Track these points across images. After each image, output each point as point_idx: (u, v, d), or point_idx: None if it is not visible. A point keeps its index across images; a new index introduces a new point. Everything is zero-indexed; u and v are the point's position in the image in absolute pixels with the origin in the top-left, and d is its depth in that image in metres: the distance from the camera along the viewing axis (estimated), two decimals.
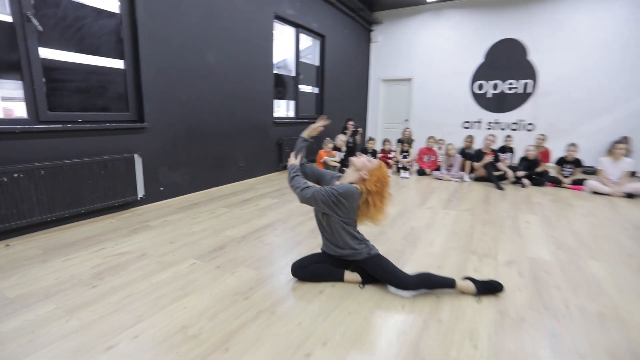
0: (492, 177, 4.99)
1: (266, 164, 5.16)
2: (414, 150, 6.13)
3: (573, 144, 4.93)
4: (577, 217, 3.50)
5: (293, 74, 5.67)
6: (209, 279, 2.05)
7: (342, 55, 7.07)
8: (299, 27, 5.56)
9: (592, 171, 5.71)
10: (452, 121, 7.76)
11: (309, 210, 3.13)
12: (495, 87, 7.29)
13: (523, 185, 4.89)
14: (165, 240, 2.63)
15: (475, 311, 1.75)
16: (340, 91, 7.15)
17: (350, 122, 6.46)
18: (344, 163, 5.65)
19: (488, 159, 5.11)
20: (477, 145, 6.35)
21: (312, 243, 2.63)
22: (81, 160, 2.82)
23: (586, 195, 4.58)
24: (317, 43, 6.28)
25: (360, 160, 1.91)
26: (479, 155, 5.31)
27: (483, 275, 2.10)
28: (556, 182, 4.97)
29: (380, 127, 8.68)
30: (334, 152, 5.55)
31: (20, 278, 2.03)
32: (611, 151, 4.55)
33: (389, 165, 5.65)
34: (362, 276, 1.98)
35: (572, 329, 1.62)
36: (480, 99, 7.47)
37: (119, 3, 3.07)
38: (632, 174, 4.97)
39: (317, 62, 6.32)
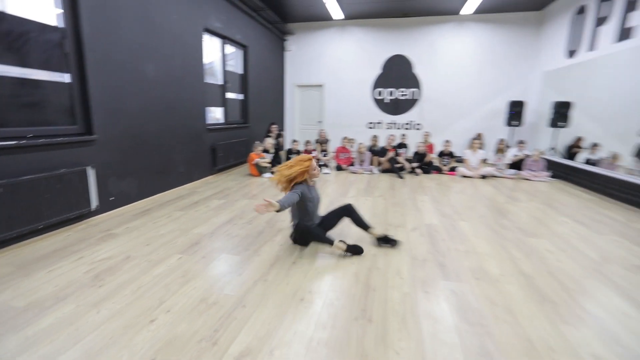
0: (394, 169, 6.28)
1: (203, 168, 5.46)
2: (331, 149, 7.14)
3: (448, 141, 6.56)
4: (452, 194, 4.88)
5: (221, 82, 6.03)
6: (201, 266, 2.53)
7: (262, 64, 7.63)
8: (225, 39, 5.95)
9: (461, 159, 7.55)
10: (359, 122, 9.06)
11: None
12: (391, 94, 8.81)
13: (417, 174, 6.31)
14: (140, 243, 2.94)
15: (398, 258, 2.68)
16: (262, 97, 7.72)
17: (274, 126, 7.10)
18: (273, 163, 6.31)
19: (390, 154, 6.39)
20: (381, 142, 7.70)
21: (272, 231, 3.26)
22: (36, 176, 2.87)
23: (458, 178, 6.20)
24: (240, 53, 6.72)
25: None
26: (383, 151, 6.58)
27: (399, 237, 3.07)
28: (439, 170, 6.53)
29: (297, 128, 9.53)
30: (264, 154, 6.15)
31: (14, 291, 2.15)
32: (471, 145, 6.24)
33: None
34: (347, 247, 2.73)
35: (452, 262, 2.67)
36: (380, 104, 8.92)
37: (63, 18, 3.14)
38: (484, 161, 6.86)
39: (241, 70, 6.77)
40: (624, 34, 5.02)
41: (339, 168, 6.65)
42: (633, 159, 5.14)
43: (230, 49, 6.35)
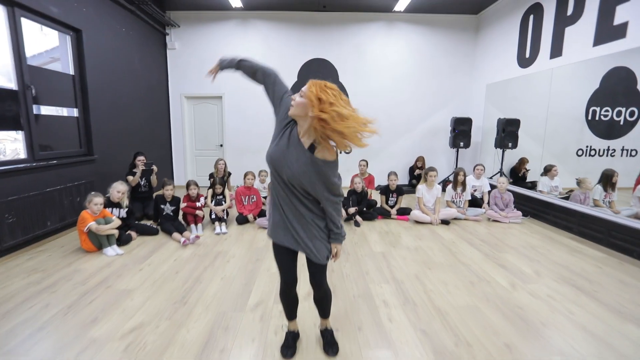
0: None
1: None
2: (231, 191, 4.83)
3: (394, 173, 4.82)
4: (423, 271, 3.02)
5: (15, 86, 3.33)
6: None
7: (121, 63, 5.01)
8: (16, 7, 3.29)
9: (407, 190, 5.95)
10: None
11: None
12: None
13: (357, 224, 4.39)
14: None
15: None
16: (122, 113, 5.07)
17: (140, 158, 4.55)
18: (131, 223, 3.77)
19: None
20: None
21: None
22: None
23: (411, 225, 4.48)
24: (67, 40, 4.06)
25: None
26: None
27: None
28: (384, 214, 4.74)
29: (189, 156, 6.95)
30: (110, 210, 3.58)
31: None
32: (425, 179, 4.60)
33: (197, 219, 4.12)
34: None
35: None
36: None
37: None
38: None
39: (70, 70, 4.09)
40: (608, 32, 3.88)
41: (241, 220, 4.37)
42: (596, 186, 4.21)
43: (39, 31, 3.69)
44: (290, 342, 1.88)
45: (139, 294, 2.55)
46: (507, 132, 5.65)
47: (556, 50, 4.67)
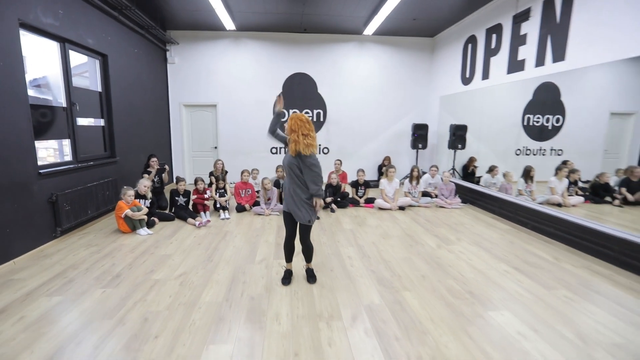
0: None
1: (33, 234, 3.62)
2: (229, 184, 5.87)
3: (362, 170, 6.00)
4: (378, 239, 4.19)
5: (63, 104, 4.26)
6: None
7: (134, 78, 5.95)
8: (67, 42, 4.22)
9: (375, 185, 7.15)
10: (260, 147, 7.98)
11: (116, 310, 2.39)
12: None
13: (332, 210, 5.55)
14: None
15: None
16: (135, 121, 6.00)
17: (154, 159, 5.51)
18: (153, 212, 4.75)
19: None
20: None
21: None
22: None
23: (375, 211, 5.67)
24: (97, 64, 4.98)
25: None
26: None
27: (338, 338, 2.12)
28: (355, 203, 5.91)
29: (187, 157, 7.91)
30: (138, 201, 4.56)
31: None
32: (387, 174, 5.80)
33: (205, 208, 5.15)
34: None
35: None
36: (283, 128, 8.00)
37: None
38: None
39: (98, 87, 5.02)
40: (516, 65, 5.19)
41: (240, 209, 5.44)
42: (519, 179, 5.45)
43: (78, 58, 4.61)
44: (287, 276, 3.00)
45: (176, 256, 3.59)
46: (457, 136, 6.95)
47: (485, 74, 5.98)
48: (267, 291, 2.84)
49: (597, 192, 4.71)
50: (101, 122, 5.10)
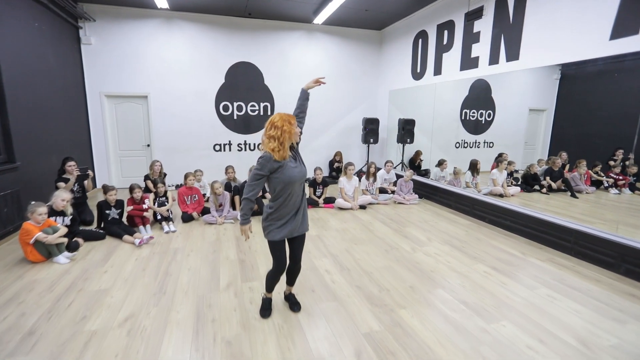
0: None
1: None
2: (170, 191, 5.07)
3: (320, 168, 5.66)
4: (349, 244, 3.92)
5: None
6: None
7: (36, 61, 4.71)
8: None
9: (330, 181, 6.86)
10: (202, 144, 7.15)
11: None
12: (240, 108, 7.31)
13: None
14: None
15: None
16: (42, 114, 4.79)
17: (71, 163, 4.47)
18: (75, 230, 3.83)
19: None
20: (241, 172, 6.19)
21: None
22: None
23: (335, 211, 5.40)
24: None
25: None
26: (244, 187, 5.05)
27: None
28: (313, 204, 5.56)
29: (113, 157, 6.70)
30: (53, 220, 3.60)
31: None
32: (345, 172, 5.55)
33: (144, 221, 4.33)
34: None
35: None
36: (227, 121, 7.28)
37: None
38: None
39: None
40: (469, 62, 5.29)
41: (187, 218, 4.71)
42: (467, 172, 5.73)
43: None
44: (268, 306, 2.54)
45: (116, 291, 2.86)
46: (406, 130, 7.00)
47: (437, 69, 6.04)
48: (245, 330, 2.35)
49: (528, 181, 5.09)
50: None
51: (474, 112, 6.27)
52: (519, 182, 5.21)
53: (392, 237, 4.21)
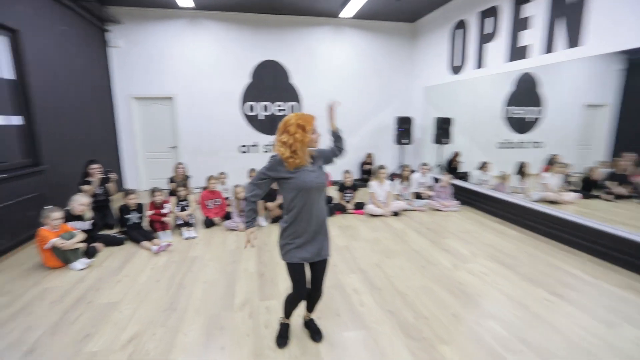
0: None
1: None
2: (194, 195, 4.90)
3: (349, 171, 5.26)
4: (382, 259, 3.50)
5: None
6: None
7: (64, 64, 4.71)
8: None
9: (360, 185, 6.45)
10: (228, 146, 6.99)
11: None
12: (265, 108, 7.08)
13: None
14: None
15: None
16: (69, 117, 4.78)
17: (94, 166, 4.40)
18: (95, 235, 3.71)
19: (280, 198, 4.66)
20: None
21: None
22: None
23: (366, 218, 4.98)
24: (4, 42, 3.76)
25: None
26: (270, 193, 4.78)
27: None
28: (342, 209, 5.18)
29: (141, 159, 6.69)
30: (71, 225, 3.49)
31: None
32: (377, 175, 5.12)
33: (164, 226, 4.16)
34: None
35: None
36: (253, 121, 7.07)
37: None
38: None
39: (10, 75, 3.80)
40: (517, 52, 4.67)
41: (208, 223, 4.51)
42: (515, 176, 5.09)
43: None
44: (285, 333, 2.20)
45: (125, 305, 2.65)
46: (442, 130, 6.44)
47: (479, 62, 5.44)
48: None
49: (588, 186, 4.39)
50: (14, 120, 3.89)
51: (519, 109, 5.62)
52: (580, 187, 4.54)
53: (429, 250, 3.73)
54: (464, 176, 6.19)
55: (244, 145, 7.07)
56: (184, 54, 6.44)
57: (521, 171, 4.98)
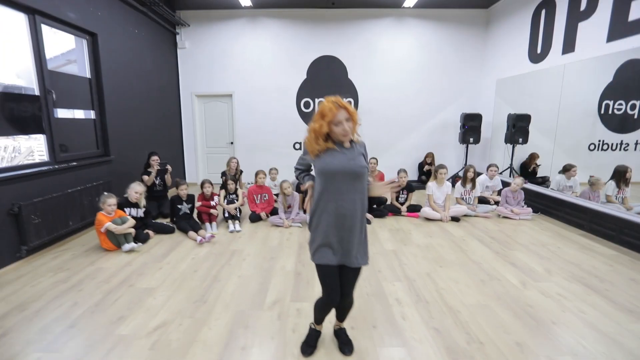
0: None
1: None
2: (242, 189, 4.93)
3: (404, 170, 4.84)
4: (420, 251, 3.09)
5: (36, 91, 3.44)
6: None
7: (134, 64, 5.11)
8: (37, 14, 3.38)
9: (417, 186, 5.97)
10: (283, 142, 7.01)
11: None
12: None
13: (368, 222, 4.46)
14: None
15: None
16: (136, 113, 5.17)
17: (155, 157, 4.67)
18: (148, 222, 3.89)
19: None
20: None
21: None
22: None
23: (421, 222, 4.53)
24: (84, 44, 4.16)
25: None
26: None
27: None
28: (395, 211, 4.79)
29: (200, 153, 7.06)
30: (124, 211, 3.69)
31: None
32: (435, 176, 4.63)
33: (211, 218, 4.23)
34: None
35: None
36: (308, 118, 6.98)
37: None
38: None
39: (87, 73, 4.20)
40: (623, 29, 3.83)
41: (254, 218, 4.48)
42: (609, 182, 4.19)
43: (58, 35, 3.79)
44: (313, 341, 1.97)
45: (161, 292, 2.67)
46: (518, 128, 5.64)
47: (568, 46, 4.62)
48: None
49: None
50: (91, 114, 4.28)
51: (620, 104, 4.63)
52: None
53: (492, 263, 3.20)
54: (543, 181, 5.35)
55: (297, 142, 7.03)
56: (243, 52, 6.61)
57: (620, 177, 4.08)
